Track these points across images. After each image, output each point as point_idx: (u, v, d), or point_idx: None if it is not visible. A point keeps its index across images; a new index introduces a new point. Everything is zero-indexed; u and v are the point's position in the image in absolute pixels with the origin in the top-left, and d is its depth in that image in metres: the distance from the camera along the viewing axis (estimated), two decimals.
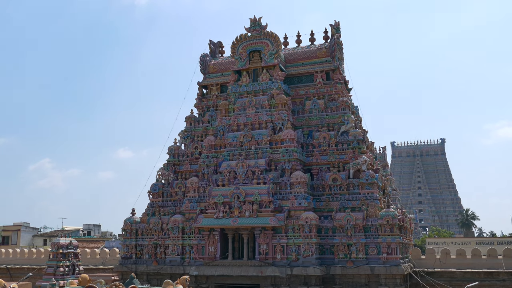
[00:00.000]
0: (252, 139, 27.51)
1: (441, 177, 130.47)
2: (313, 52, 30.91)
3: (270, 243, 24.94)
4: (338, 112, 28.58)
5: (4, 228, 66.45)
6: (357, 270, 24.01)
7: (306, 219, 24.49)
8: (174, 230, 27.28)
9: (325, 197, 26.34)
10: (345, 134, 27.76)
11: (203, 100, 32.22)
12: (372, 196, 25.63)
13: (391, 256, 24.04)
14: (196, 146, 30.15)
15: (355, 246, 24.50)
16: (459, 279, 26.03)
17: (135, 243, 28.69)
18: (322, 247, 25.22)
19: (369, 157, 27.03)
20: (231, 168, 26.77)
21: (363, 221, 24.60)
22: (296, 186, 25.70)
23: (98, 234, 71.82)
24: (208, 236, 26.20)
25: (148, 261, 27.98)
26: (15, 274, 33.45)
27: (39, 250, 37.70)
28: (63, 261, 25.45)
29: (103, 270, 32.03)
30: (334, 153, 27.28)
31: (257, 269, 24.45)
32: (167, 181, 29.90)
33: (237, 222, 25.23)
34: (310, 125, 28.88)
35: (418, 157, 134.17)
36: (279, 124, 27.67)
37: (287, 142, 26.93)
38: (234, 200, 25.60)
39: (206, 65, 33.19)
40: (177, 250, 27.14)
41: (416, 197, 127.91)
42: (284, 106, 28.09)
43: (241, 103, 28.91)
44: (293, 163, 26.45)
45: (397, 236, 24.27)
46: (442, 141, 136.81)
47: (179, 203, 28.79)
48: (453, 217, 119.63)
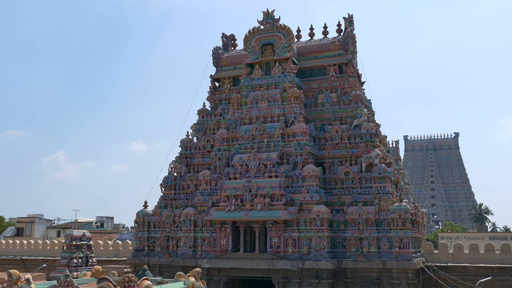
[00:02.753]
0: (264, 132, 27.48)
1: (454, 171, 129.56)
2: (326, 45, 30.73)
3: (282, 237, 24.95)
4: (351, 106, 28.43)
5: (18, 219, 67.21)
6: (368, 264, 23.94)
7: (318, 212, 24.45)
8: (186, 223, 27.39)
9: (337, 191, 26.26)
10: (358, 127, 27.62)
11: (215, 93, 32.22)
12: (385, 190, 25.51)
13: (403, 250, 23.94)
14: (208, 139, 30.19)
15: (367, 240, 24.42)
16: (472, 274, 25.87)
17: (148, 235, 28.87)
18: (333, 240, 25.17)
19: (381, 151, 26.89)
20: (243, 161, 26.78)
21: (375, 215, 24.51)
22: (308, 180, 25.65)
23: (111, 226, 72.40)
24: (220, 229, 26.28)
25: (161, 253, 28.14)
26: (29, 265, 33.83)
27: (53, 242, 38.11)
28: (76, 253, 25.70)
29: (116, 262, 32.28)
30: (347, 146, 27.17)
31: (268, 262, 24.48)
32: (179, 174, 29.99)
33: (249, 215, 25.26)
34: (323, 119, 28.77)
35: (431, 151, 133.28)
36: (291, 118, 27.60)
37: (299, 135, 26.86)
38: (246, 193, 25.62)
39: (219, 58, 33.16)
40: (189, 243, 27.25)
41: (429, 192, 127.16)
42: (296, 100, 28.00)
43: (254, 96, 28.87)
44: (305, 156, 26.38)
45: (409, 230, 24.14)
46: (456, 135, 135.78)
47: (191, 196, 28.89)
48: (466, 211, 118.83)
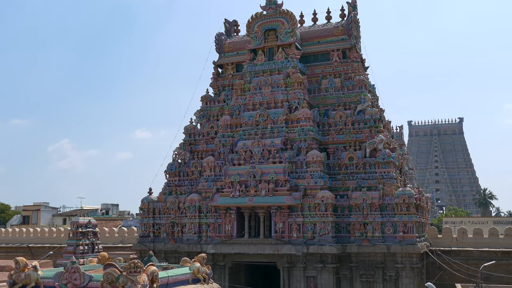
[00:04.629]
0: (268, 118, 27.45)
1: (458, 156, 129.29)
2: (330, 30, 30.56)
3: (286, 222, 25.04)
4: (355, 91, 28.35)
5: (24, 208, 67.66)
6: (373, 248, 24.04)
7: (322, 197, 24.51)
8: (191, 209, 27.50)
9: (341, 176, 26.29)
10: (362, 113, 27.56)
11: (218, 80, 32.15)
12: (389, 175, 25.52)
13: (407, 235, 24.01)
14: (212, 126, 30.19)
15: (371, 224, 24.49)
16: (476, 258, 25.96)
17: (153, 221, 29.02)
18: (338, 225, 25.25)
19: (385, 136, 26.86)
20: (247, 147, 26.80)
21: (379, 200, 24.55)
22: (312, 165, 25.67)
23: (116, 213, 72.77)
24: (224, 214, 26.39)
25: (166, 239, 28.31)
26: (36, 253, 34.11)
27: (59, 229, 38.37)
28: (82, 240, 25.89)
29: (122, 249, 32.52)
30: (351, 132, 27.14)
31: (273, 247, 24.61)
32: (184, 161, 30.06)
33: (253, 201, 25.34)
34: (326, 104, 28.71)
35: (436, 136, 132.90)
36: (295, 103, 27.54)
37: (303, 121, 26.83)
38: (250, 179, 25.68)
39: (222, 44, 33.03)
40: (194, 229, 27.39)
41: (433, 177, 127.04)
42: (300, 85, 27.92)
43: (257, 82, 28.80)
44: (309, 142, 26.38)
45: (413, 215, 24.19)
46: (460, 120, 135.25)
47: (196, 182, 28.97)
48: (470, 196, 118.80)
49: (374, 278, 24.21)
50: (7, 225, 63.93)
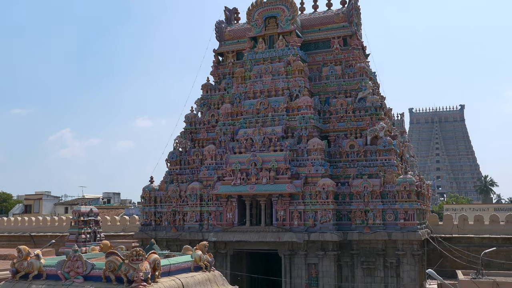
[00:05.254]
0: (268, 106, 27.41)
1: (459, 143, 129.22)
2: (330, 17, 30.39)
3: (288, 210, 25.10)
4: (356, 79, 28.26)
5: (26, 197, 67.85)
6: (374, 235, 24.11)
7: (323, 185, 24.54)
8: (192, 197, 27.56)
9: (342, 164, 26.30)
10: (363, 100, 27.50)
11: (219, 68, 32.06)
12: (390, 162, 25.53)
13: (408, 222, 24.06)
14: (212, 114, 30.15)
15: (372, 212, 24.54)
16: (476, 245, 26.08)
17: (154, 210, 29.10)
18: (339, 213, 25.31)
19: (386, 124, 26.82)
20: (248, 136, 26.79)
21: (380, 187, 24.57)
22: (313, 153, 25.67)
23: (117, 202, 73.00)
24: (226, 203, 26.45)
25: (167, 227, 28.41)
26: (38, 241, 34.26)
27: (61, 218, 38.50)
28: (84, 228, 25.95)
29: (124, 237, 32.66)
30: (352, 119, 27.10)
31: (274, 235, 24.69)
32: (185, 149, 30.08)
33: (254, 189, 25.38)
34: (327, 92, 28.64)
35: (437, 124, 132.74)
36: (295, 91, 27.48)
37: (304, 109, 26.79)
38: (251, 167, 25.70)
39: (222, 32, 32.89)
40: (195, 217, 27.47)
41: (434, 164, 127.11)
42: (300, 73, 27.84)
43: (257, 70, 28.71)
44: (310, 130, 26.36)
45: (414, 202, 24.22)
46: (461, 108, 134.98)
47: (197, 171, 29.01)
48: (471, 183, 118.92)
49: (375, 265, 24.30)
50: (9, 214, 64.20)
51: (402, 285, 23.78)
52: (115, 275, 11.07)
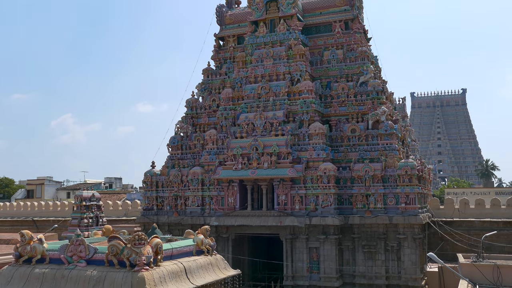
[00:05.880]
0: (270, 90, 27.33)
1: (461, 127, 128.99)
2: (332, 1, 30.12)
3: (289, 194, 25.16)
4: (357, 63, 28.13)
5: (28, 182, 68.10)
6: (375, 219, 24.18)
7: (325, 170, 24.56)
8: (193, 182, 27.62)
9: (343, 148, 26.29)
10: (364, 84, 27.40)
11: (220, 52, 31.90)
12: (391, 146, 25.51)
13: (409, 206, 24.11)
14: (213, 99, 30.09)
15: (373, 196, 24.58)
16: (477, 229, 26.17)
17: (156, 195, 29.17)
18: (340, 197, 25.37)
19: (388, 108, 26.75)
20: (249, 120, 26.76)
21: (381, 171, 24.59)
22: (314, 138, 25.66)
23: (119, 187, 73.21)
24: (227, 187, 26.50)
25: (169, 212, 28.51)
26: (41, 226, 34.46)
27: (63, 203, 38.66)
28: (86, 213, 26.15)
29: (126, 222, 32.83)
30: (353, 104, 27.03)
31: (276, 219, 24.77)
32: (186, 134, 30.06)
33: (256, 173, 25.41)
34: (329, 76, 28.53)
35: (438, 108, 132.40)
36: (297, 75, 27.37)
37: (305, 93, 26.70)
38: (252, 152, 25.71)
39: (223, 16, 32.67)
40: (197, 202, 27.56)
41: (436, 148, 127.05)
42: (302, 57, 27.71)
43: (258, 54, 28.57)
44: (311, 114, 26.31)
45: (415, 186, 24.26)
46: (463, 91, 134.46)
47: (198, 156, 29.03)
48: (472, 167, 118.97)
49: (376, 249, 24.42)
50: (11, 199, 64.46)
51: (403, 269, 23.93)
52: (117, 259, 11.15)
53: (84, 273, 11.21)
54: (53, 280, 11.42)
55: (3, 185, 76.68)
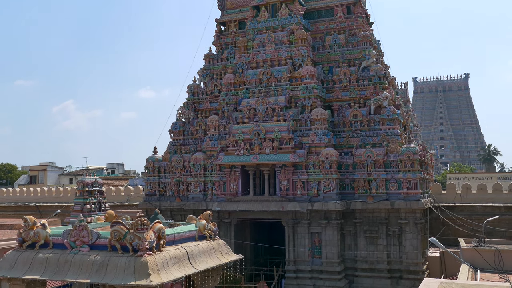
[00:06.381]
0: (271, 76, 27.23)
1: (463, 112, 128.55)
2: None
3: (291, 179, 25.19)
4: (359, 47, 27.97)
5: (31, 168, 68.26)
6: (377, 205, 24.23)
7: (327, 155, 24.56)
8: (196, 168, 27.66)
9: (345, 134, 26.27)
10: (366, 69, 27.28)
11: (221, 37, 31.74)
12: (393, 132, 25.47)
13: (411, 191, 24.15)
14: (215, 84, 30.01)
15: (375, 181, 24.60)
16: (479, 213, 26.19)
17: (158, 180, 29.23)
18: (342, 182, 25.40)
19: (390, 93, 26.66)
20: (251, 106, 26.70)
21: (383, 156, 24.58)
22: (316, 123, 25.62)
23: (121, 172, 73.39)
24: (229, 173, 26.54)
25: (172, 197, 28.59)
26: (44, 212, 34.59)
27: (65, 189, 38.78)
28: (89, 199, 26.22)
29: (128, 207, 32.93)
30: (355, 89, 26.95)
31: (278, 204, 24.84)
32: (188, 120, 30.03)
33: (258, 159, 25.42)
34: (331, 61, 28.40)
35: (441, 93, 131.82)
36: (298, 61, 27.25)
37: (307, 78, 26.61)
38: (254, 137, 25.69)
39: (224, 1, 32.45)
40: (199, 187, 27.62)
41: (438, 133, 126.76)
42: (303, 42, 27.56)
43: (260, 39, 28.42)
44: (313, 99, 26.24)
45: (417, 172, 24.26)
46: (466, 76, 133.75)
47: (200, 141, 29.03)
48: (475, 152, 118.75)
49: (378, 234, 24.51)
50: (14, 185, 64.69)
51: (404, 253, 24.03)
52: (120, 244, 11.20)
53: (87, 258, 11.27)
54: (56, 265, 11.50)
55: (6, 171, 76.93)
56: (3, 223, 25.07)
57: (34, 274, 11.59)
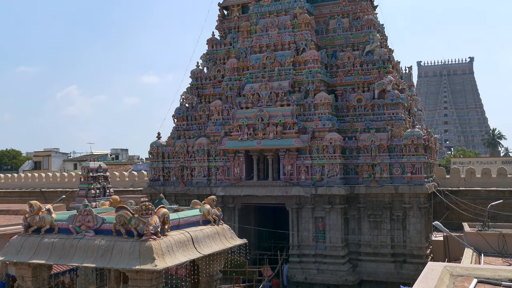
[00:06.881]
0: (275, 60, 27.10)
1: (468, 96, 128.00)
2: None
3: (295, 164, 25.20)
4: (363, 31, 27.78)
5: (35, 153, 68.52)
6: (381, 189, 24.24)
7: (330, 140, 24.53)
8: (199, 153, 27.68)
9: (349, 118, 26.20)
10: (370, 53, 27.12)
11: (224, 22, 31.55)
12: (397, 116, 25.39)
13: (415, 176, 24.13)
14: (218, 69, 29.90)
15: (379, 166, 24.59)
16: (483, 198, 26.18)
17: (162, 165, 29.28)
18: (346, 167, 25.39)
19: (394, 77, 26.53)
20: (254, 91, 26.63)
21: (387, 141, 24.53)
22: (320, 108, 25.55)
23: (125, 158, 73.60)
24: (233, 158, 26.56)
25: (176, 183, 28.66)
26: (49, 197, 34.76)
27: (70, 174, 38.93)
28: (94, 184, 26.33)
29: (133, 192, 33.04)
30: (359, 73, 26.81)
31: (282, 189, 24.88)
32: (191, 105, 30.00)
33: (262, 144, 25.41)
34: (334, 45, 28.23)
35: (445, 77, 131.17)
36: (302, 45, 27.10)
37: (311, 63, 26.48)
38: (258, 122, 25.66)
39: None
40: (203, 172, 27.67)
41: (442, 118, 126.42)
42: (307, 26, 27.38)
43: (263, 23, 28.25)
44: (317, 84, 26.14)
45: (421, 156, 24.22)
46: (470, 60, 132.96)
47: (204, 126, 29.02)
48: (479, 137, 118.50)
49: (381, 218, 24.55)
50: (19, 170, 64.98)
51: (408, 238, 24.09)
52: (125, 229, 11.27)
53: (92, 242, 11.35)
54: (62, 249, 11.58)
55: (10, 156, 77.27)
56: (9, 209, 25.22)
57: (40, 258, 11.69)
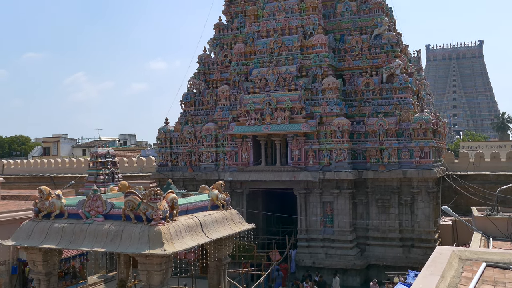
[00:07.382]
0: (282, 45, 26.95)
1: (477, 80, 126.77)
2: None
3: (302, 149, 25.17)
4: (371, 15, 27.53)
5: (44, 140, 68.84)
6: (389, 174, 24.20)
7: (338, 124, 24.45)
8: (207, 138, 27.70)
9: (357, 103, 26.08)
10: (378, 37, 26.89)
11: (231, 6, 31.35)
12: (406, 100, 25.25)
13: (423, 160, 24.05)
14: (226, 54, 29.79)
15: (387, 150, 24.52)
16: (492, 182, 26.08)
17: (170, 151, 29.36)
18: (354, 152, 25.34)
19: (403, 61, 26.32)
20: (261, 75, 26.53)
21: (396, 125, 24.43)
22: (327, 92, 25.44)
23: (133, 143, 73.78)
24: (241, 143, 26.57)
25: (184, 168, 28.75)
26: (58, 183, 35.04)
27: (79, 160, 39.13)
28: (102, 170, 26.48)
29: (141, 178, 33.23)
30: (367, 57, 26.63)
31: (290, 174, 24.89)
32: (199, 90, 29.96)
33: (269, 129, 25.39)
34: (342, 29, 28.01)
35: (454, 60, 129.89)
36: (309, 29, 26.90)
37: (318, 47, 26.31)
38: (265, 107, 25.60)
39: None
40: (211, 157, 27.71)
41: (451, 102, 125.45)
42: (314, 10, 27.16)
43: (270, 8, 28.04)
44: (324, 68, 25.99)
45: (430, 140, 24.11)
46: (480, 43, 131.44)
47: (211, 112, 29.00)
48: (488, 121, 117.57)
49: (390, 203, 24.54)
50: (28, 156, 65.39)
51: (416, 222, 24.09)
52: (134, 214, 11.33)
53: (102, 227, 11.44)
54: (72, 234, 11.68)
55: (19, 143, 77.74)
56: (19, 194, 25.44)
57: (50, 243, 11.81)
